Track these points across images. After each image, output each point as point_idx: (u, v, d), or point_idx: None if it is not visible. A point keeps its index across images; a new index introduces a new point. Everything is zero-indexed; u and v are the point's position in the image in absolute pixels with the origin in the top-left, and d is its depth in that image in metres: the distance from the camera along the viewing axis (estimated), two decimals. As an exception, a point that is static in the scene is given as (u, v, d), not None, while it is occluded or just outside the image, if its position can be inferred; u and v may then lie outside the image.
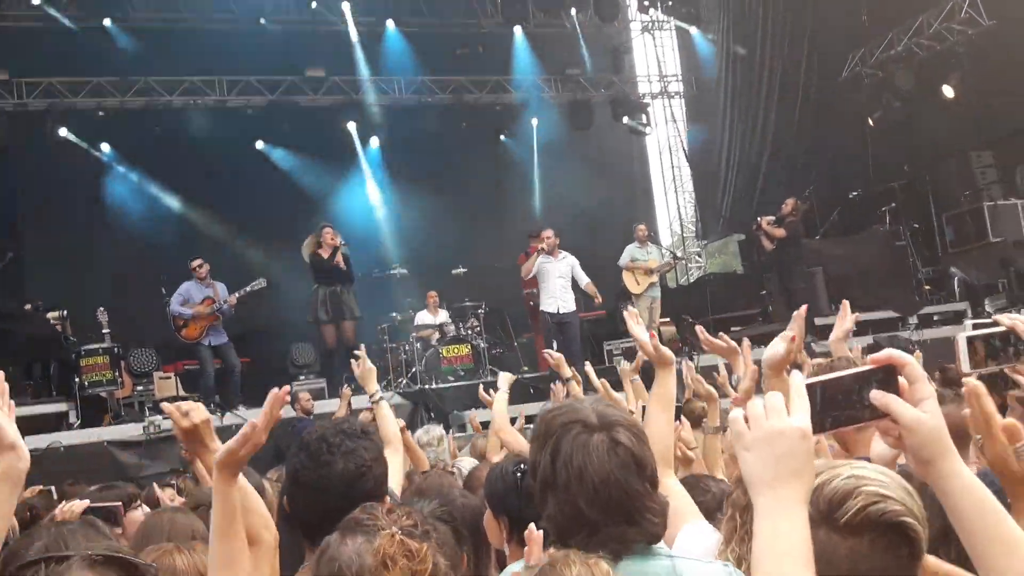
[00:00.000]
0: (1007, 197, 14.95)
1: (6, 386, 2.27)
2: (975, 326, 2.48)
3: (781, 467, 1.44)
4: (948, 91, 15.20)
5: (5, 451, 2.12)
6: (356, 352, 5.03)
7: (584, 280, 12.38)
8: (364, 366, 4.84)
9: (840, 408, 1.53)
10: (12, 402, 2.29)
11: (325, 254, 12.40)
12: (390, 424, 4.46)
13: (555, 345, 11.73)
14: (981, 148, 15.37)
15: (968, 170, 15.31)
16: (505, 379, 5.64)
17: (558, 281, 12.15)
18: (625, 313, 3.77)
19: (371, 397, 4.76)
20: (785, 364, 3.21)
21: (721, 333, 4.09)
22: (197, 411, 2.67)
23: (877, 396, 1.53)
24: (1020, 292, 13.80)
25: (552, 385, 6.75)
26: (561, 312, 12.09)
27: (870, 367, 1.55)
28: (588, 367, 6.49)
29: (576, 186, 18.08)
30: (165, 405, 2.70)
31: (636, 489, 2.11)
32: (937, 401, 1.57)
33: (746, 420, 1.48)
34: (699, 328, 4.08)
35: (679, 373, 4.51)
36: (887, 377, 1.54)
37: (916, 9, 15.58)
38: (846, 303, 3.99)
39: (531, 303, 13.78)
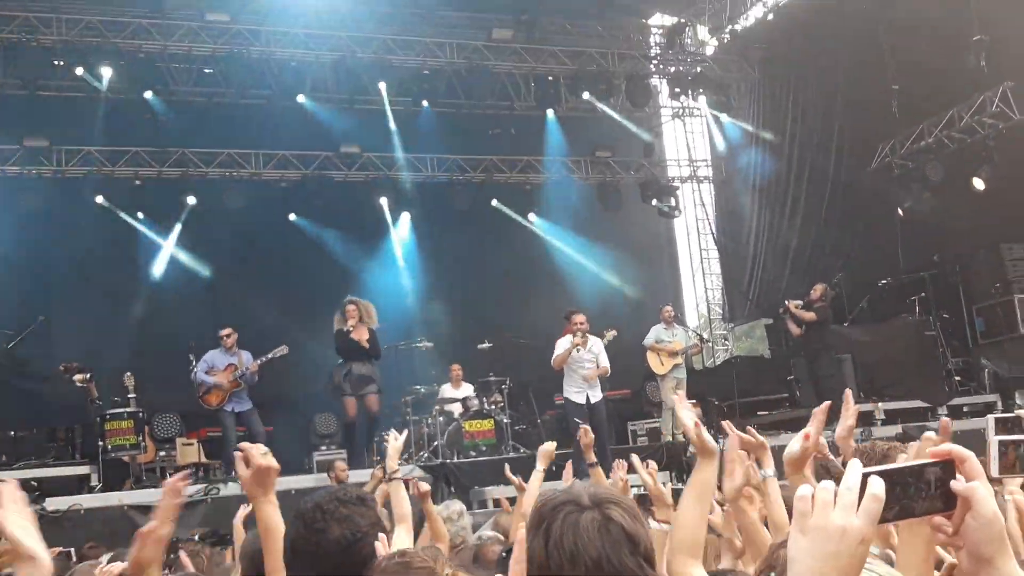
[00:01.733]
0: (1038, 290, 14.85)
1: (23, 494, 2.27)
2: (998, 420, 2.39)
3: (830, 565, 1.39)
4: (978, 183, 15.20)
5: (24, 562, 2.12)
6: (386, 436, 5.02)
7: (603, 364, 11.92)
8: (397, 443, 4.84)
9: (904, 499, 1.48)
10: (31, 510, 2.26)
11: (345, 328, 12.38)
12: (404, 503, 4.43)
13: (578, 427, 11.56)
14: (1012, 240, 15.30)
15: (999, 262, 15.23)
16: (544, 455, 5.51)
17: (586, 369, 11.80)
18: (674, 397, 3.71)
19: (390, 474, 4.71)
20: (803, 462, 3.19)
21: (749, 428, 4.01)
22: (270, 459, 2.71)
23: (959, 486, 1.49)
24: (1052, 385, 13.62)
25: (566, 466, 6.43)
26: (592, 402, 11.81)
27: (929, 460, 1.51)
28: (635, 459, 5.93)
29: (604, 266, 18.14)
30: (243, 444, 2.70)
31: (630, 567, 2.02)
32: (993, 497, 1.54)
33: (812, 502, 1.44)
34: (726, 423, 4.01)
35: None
36: (945, 471, 1.51)
37: (947, 102, 15.70)
38: (848, 395, 3.91)
39: None
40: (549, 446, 5.65)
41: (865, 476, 1.43)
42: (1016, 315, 14.44)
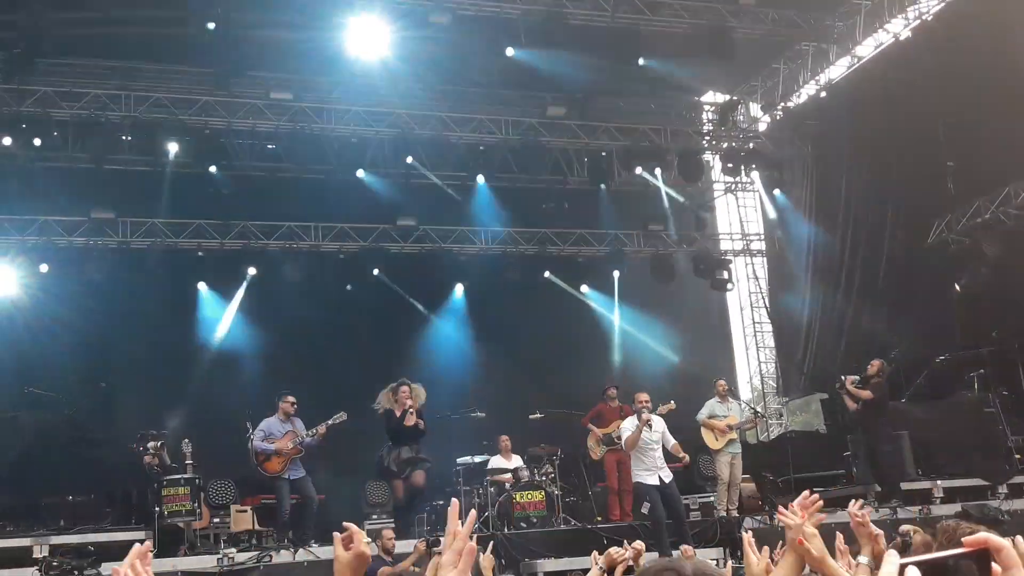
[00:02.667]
0: (1101, 367, 14.55)
1: (149, 555, 2.30)
2: None
3: None
4: (1036, 259, 15.03)
5: None
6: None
7: (671, 442, 11.86)
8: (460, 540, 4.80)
9: None
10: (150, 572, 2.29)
11: (398, 412, 12.49)
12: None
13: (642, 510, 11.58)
14: (1072, 316, 15.04)
15: (1058, 338, 14.97)
16: (607, 558, 5.42)
17: (655, 451, 11.67)
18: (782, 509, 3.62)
19: (435, 547, 4.71)
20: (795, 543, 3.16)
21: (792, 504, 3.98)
22: (358, 535, 2.66)
23: None
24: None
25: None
26: (664, 482, 11.67)
27: (964, 550, 1.50)
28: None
29: (656, 339, 18.15)
30: (349, 525, 2.63)
31: None
32: None
33: None
34: (781, 509, 4.00)
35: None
36: (981, 561, 1.49)
37: (1003, 180, 15.60)
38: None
39: (601, 456, 13.72)
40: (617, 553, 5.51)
41: (903, 567, 1.44)
42: (1078, 392, 14.14)
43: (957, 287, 16.16)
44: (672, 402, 12.39)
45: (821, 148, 20.07)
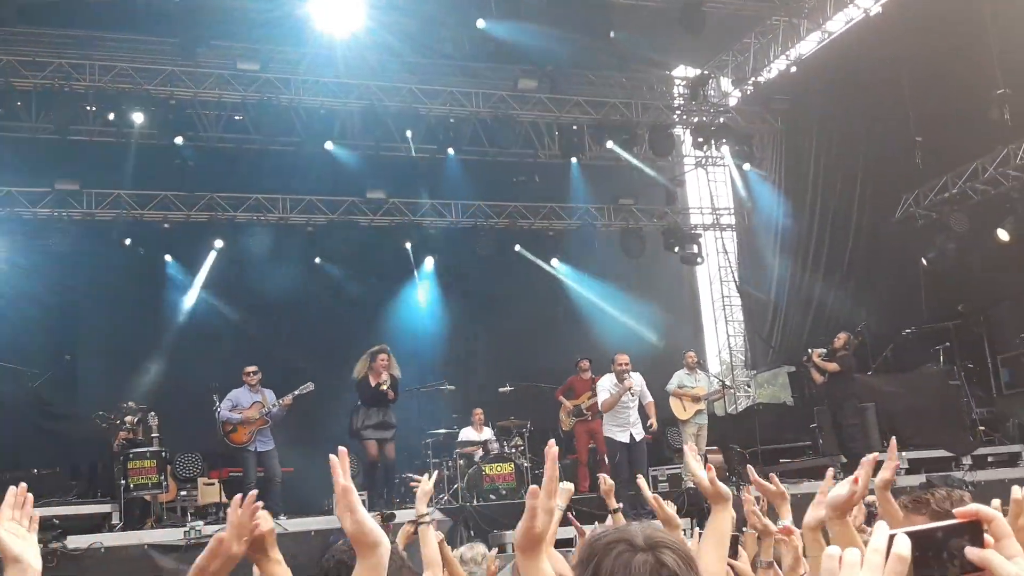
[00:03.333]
0: (1064, 340, 14.75)
1: (29, 497, 2.31)
2: None
3: None
4: (1003, 234, 15.17)
5: (10, 563, 2.17)
6: (414, 477, 4.94)
7: (648, 398, 12.37)
8: (426, 486, 4.82)
9: (927, 564, 1.42)
10: (35, 513, 2.33)
11: (373, 381, 12.42)
12: (433, 548, 4.44)
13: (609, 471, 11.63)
14: (1037, 291, 15.23)
15: (1023, 313, 15.15)
16: (563, 493, 5.48)
17: (630, 409, 12.05)
18: (685, 448, 3.74)
19: (420, 517, 4.70)
20: (849, 507, 3.16)
21: (772, 475, 4.01)
22: (264, 519, 2.55)
23: (974, 553, 1.43)
24: (1079, 437, 13.47)
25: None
26: (635, 440, 11.96)
27: (955, 521, 1.47)
28: (641, 481, 6.21)
29: (626, 312, 18.21)
30: (236, 500, 2.52)
31: None
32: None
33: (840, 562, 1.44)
34: (750, 468, 4.02)
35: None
36: (973, 532, 1.45)
37: (971, 154, 15.72)
38: (893, 444, 3.80)
39: (571, 427, 13.79)
40: (568, 486, 5.60)
41: (892, 537, 1.41)
42: (1042, 365, 14.34)
43: (924, 261, 16.30)
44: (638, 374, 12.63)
45: (791, 123, 20.15)
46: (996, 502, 1.88)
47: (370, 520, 2.15)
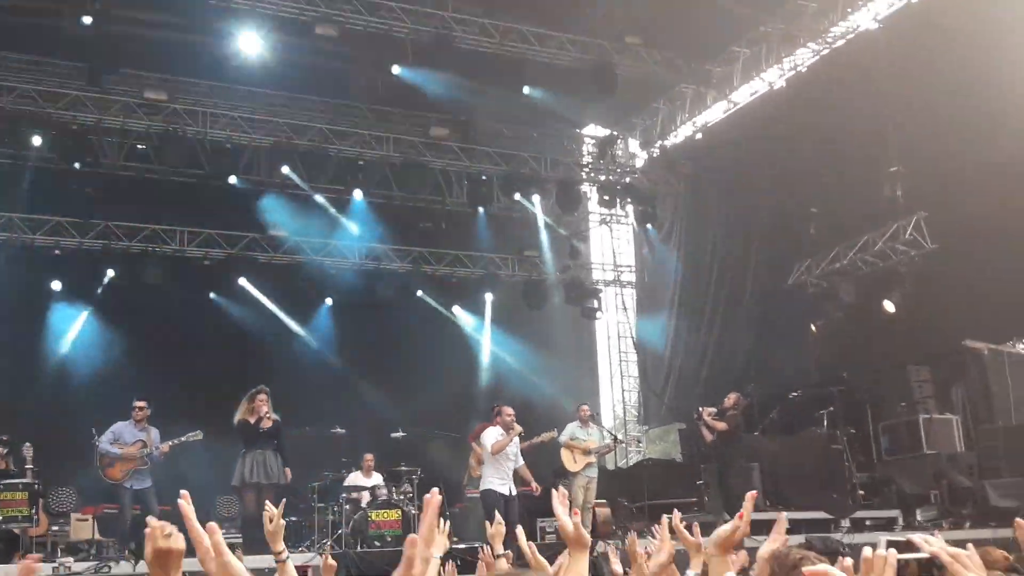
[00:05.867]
0: (942, 412, 15.21)
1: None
2: (889, 543, 2.46)
3: None
4: (889, 306, 15.68)
5: None
6: (266, 508, 4.84)
7: (521, 462, 12.31)
8: (276, 523, 4.70)
9: None
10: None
11: (252, 420, 12.07)
12: None
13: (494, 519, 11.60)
14: (919, 362, 15.73)
15: (905, 383, 15.60)
16: (439, 544, 5.43)
17: (511, 462, 12.06)
18: (554, 492, 3.76)
19: (277, 556, 4.59)
20: (731, 543, 3.27)
21: (694, 525, 4.06)
22: (178, 538, 2.46)
23: None
24: (951, 505, 13.88)
25: (480, 552, 6.48)
26: (512, 494, 11.94)
27: None
28: (519, 531, 6.19)
29: (524, 363, 18.29)
30: (150, 519, 2.41)
31: None
32: None
33: None
34: (672, 516, 4.06)
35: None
36: None
37: (862, 229, 16.29)
38: (783, 518, 3.91)
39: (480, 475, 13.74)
40: (444, 540, 5.52)
41: None
42: (920, 434, 14.75)
43: (813, 328, 16.77)
44: (555, 430, 12.72)
45: (693, 187, 20.66)
46: (848, 562, 1.95)
47: (236, 563, 2.11)
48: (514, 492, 11.97)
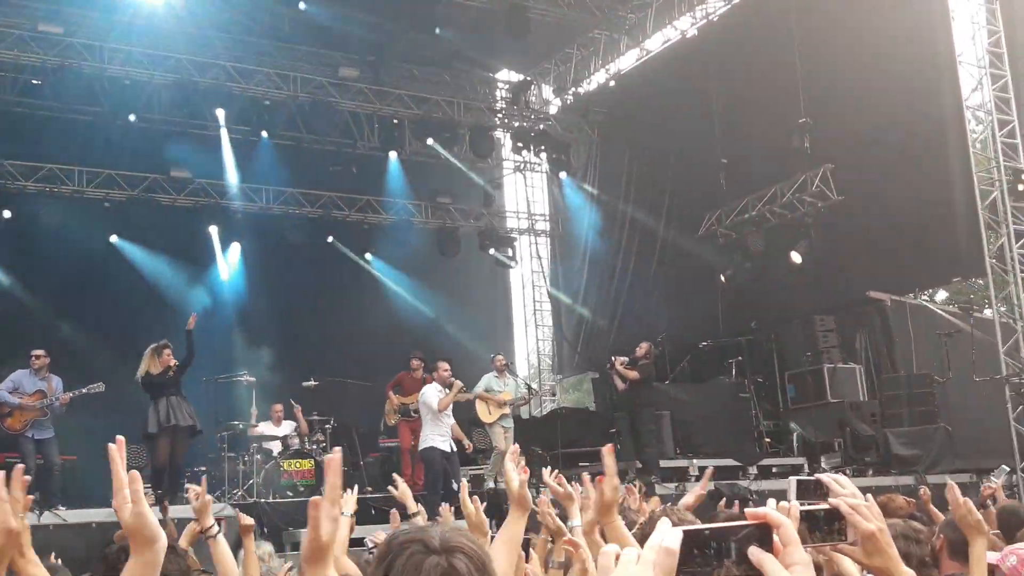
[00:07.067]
0: (846, 361, 15.65)
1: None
2: (800, 483, 2.38)
3: None
4: (796, 257, 15.96)
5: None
6: (191, 487, 4.66)
7: (452, 421, 12.13)
8: (202, 498, 4.54)
9: (702, 562, 1.42)
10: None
11: (156, 371, 11.67)
12: (229, 560, 4.26)
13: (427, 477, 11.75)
14: (824, 312, 16.12)
15: (811, 332, 16.00)
16: (348, 503, 5.32)
17: (449, 419, 11.90)
18: (507, 450, 3.70)
19: (206, 532, 4.45)
20: (611, 506, 3.24)
21: (559, 476, 4.01)
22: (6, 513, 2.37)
23: (755, 553, 1.44)
24: (855, 452, 14.33)
25: (392, 511, 6.38)
26: (452, 451, 11.81)
27: (743, 522, 1.47)
28: (463, 486, 6.04)
29: (438, 311, 18.16)
30: None
31: None
32: (811, 566, 1.51)
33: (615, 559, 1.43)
34: (545, 470, 4.06)
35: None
36: (761, 536, 1.46)
37: (771, 179, 16.50)
38: (709, 473, 3.93)
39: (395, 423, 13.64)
40: (351, 495, 5.38)
41: (687, 534, 1.40)
42: (825, 383, 15.15)
43: (722, 278, 17.01)
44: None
45: (606, 135, 20.67)
46: (772, 502, 1.93)
47: (151, 514, 2.04)
48: (454, 448, 11.85)
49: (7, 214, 16.09)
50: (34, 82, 16.27)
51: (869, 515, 2.15)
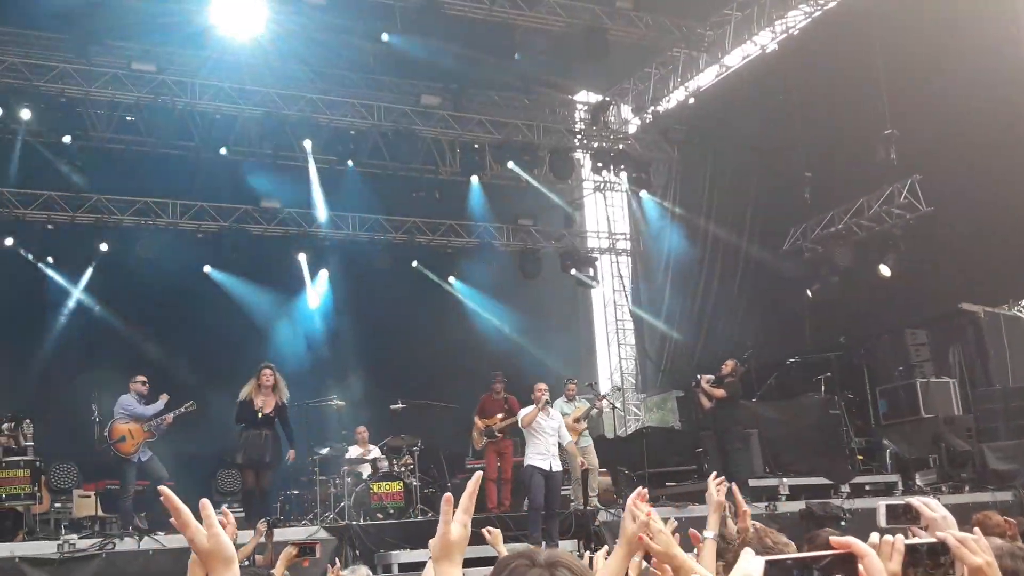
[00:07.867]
0: (939, 375, 15.27)
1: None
2: (889, 508, 2.38)
3: None
4: (885, 270, 15.69)
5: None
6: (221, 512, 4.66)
7: (567, 439, 12.16)
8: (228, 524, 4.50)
9: None
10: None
11: (255, 403, 11.76)
12: None
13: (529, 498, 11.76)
14: (915, 326, 15.77)
15: (903, 346, 15.66)
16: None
17: (551, 438, 11.86)
18: (635, 492, 3.53)
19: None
20: (634, 538, 3.21)
21: (721, 481, 4.07)
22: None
23: None
24: (950, 468, 13.98)
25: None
26: (553, 471, 11.80)
27: (827, 552, 1.50)
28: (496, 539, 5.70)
29: (521, 333, 18.27)
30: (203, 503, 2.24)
31: None
32: None
33: None
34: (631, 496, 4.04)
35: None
36: (845, 566, 1.49)
37: (857, 192, 16.26)
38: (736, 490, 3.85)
39: (482, 447, 13.70)
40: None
41: (768, 564, 1.45)
42: (918, 398, 14.82)
43: (809, 293, 16.78)
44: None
45: (687, 153, 20.57)
46: (875, 536, 1.92)
47: (226, 536, 2.09)
48: (556, 468, 11.81)
49: (104, 247, 16.69)
50: (128, 119, 16.93)
51: (977, 548, 2.10)
